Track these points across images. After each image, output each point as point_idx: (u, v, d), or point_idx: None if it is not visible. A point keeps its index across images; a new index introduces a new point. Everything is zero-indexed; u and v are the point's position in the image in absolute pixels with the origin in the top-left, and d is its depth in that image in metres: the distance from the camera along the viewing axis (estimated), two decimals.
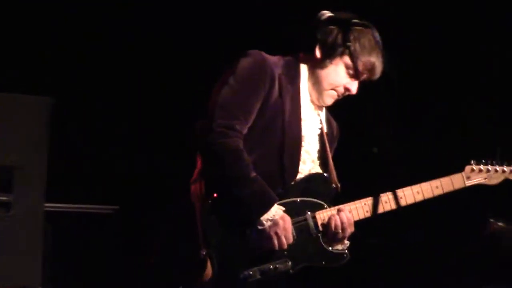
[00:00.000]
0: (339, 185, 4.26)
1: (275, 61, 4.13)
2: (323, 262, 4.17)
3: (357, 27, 4.14)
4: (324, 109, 4.33)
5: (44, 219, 4.43)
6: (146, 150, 6.08)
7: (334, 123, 4.40)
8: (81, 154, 5.92)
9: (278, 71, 4.10)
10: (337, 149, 4.39)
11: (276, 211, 3.99)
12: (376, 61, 4.15)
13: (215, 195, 3.96)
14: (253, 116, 4.03)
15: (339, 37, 4.10)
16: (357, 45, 4.12)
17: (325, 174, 4.22)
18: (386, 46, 4.16)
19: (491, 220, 4.90)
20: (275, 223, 3.97)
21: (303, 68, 4.21)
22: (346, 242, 4.18)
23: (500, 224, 4.91)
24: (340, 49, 4.12)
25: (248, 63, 4.06)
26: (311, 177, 4.18)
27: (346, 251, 4.17)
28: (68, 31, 6.04)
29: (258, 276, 4.01)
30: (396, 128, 5.47)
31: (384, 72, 4.14)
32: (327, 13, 4.18)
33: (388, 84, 4.16)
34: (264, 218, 3.97)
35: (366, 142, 4.02)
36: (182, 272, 3.97)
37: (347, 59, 4.14)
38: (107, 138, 5.98)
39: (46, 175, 4.38)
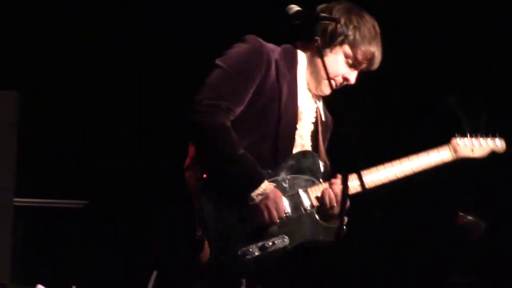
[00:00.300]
0: (328, 162, 4.27)
1: (272, 47, 4.15)
2: (320, 237, 4.14)
3: (357, 16, 4.16)
4: (321, 99, 4.33)
5: (14, 214, 4.48)
6: (120, 143, 6.12)
7: (329, 115, 4.40)
8: (51, 149, 5.98)
9: (275, 56, 4.12)
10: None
11: (267, 186, 4.00)
12: (376, 51, 4.17)
13: (204, 175, 3.98)
14: (244, 99, 4.04)
15: (339, 26, 4.11)
16: (357, 34, 4.14)
17: (313, 152, 4.23)
18: None
19: (461, 213, 4.89)
20: (265, 196, 3.97)
21: (301, 56, 4.23)
22: (345, 218, 4.07)
23: (469, 217, 4.90)
24: (340, 38, 4.13)
25: (244, 47, 4.09)
26: (299, 155, 4.18)
27: (343, 225, 4.10)
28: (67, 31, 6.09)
29: (257, 253, 4.01)
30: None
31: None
32: (325, 4, 4.22)
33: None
34: (254, 193, 3.97)
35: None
36: (180, 255, 4.00)
37: (346, 48, 4.16)
38: (80, 132, 6.05)
39: (16, 169, 4.43)
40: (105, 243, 5.74)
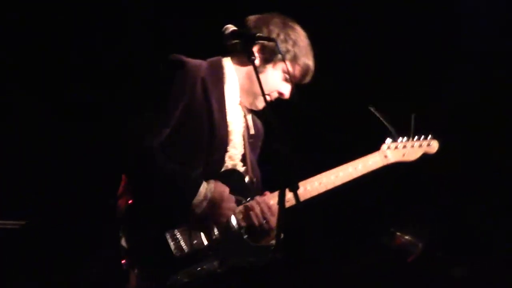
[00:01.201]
0: (254, 179, 4.19)
1: (197, 64, 4.04)
2: (251, 258, 4.02)
3: (293, 30, 4.10)
4: (251, 112, 4.26)
5: None
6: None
7: (259, 123, 4.33)
8: None
9: (201, 73, 4.01)
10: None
11: (206, 189, 3.89)
12: (311, 63, 4.14)
13: (130, 201, 3.86)
14: (169, 121, 3.93)
15: (279, 42, 4.02)
16: (296, 49, 4.09)
17: (239, 170, 4.14)
18: None
19: (398, 233, 4.85)
20: (210, 201, 3.88)
21: (229, 69, 4.14)
22: (277, 236, 3.90)
23: (406, 237, 4.86)
24: (280, 55, 4.05)
25: (165, 72, 3.99)
26: (226, 174, 4.07)
27: (271, 243, 4.03)
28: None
29: (186, 279, 3.87)
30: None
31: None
32: (257, 17, 4.13)
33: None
34: (196, 200, 3.86)
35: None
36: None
37: (285, 63, 4.07)
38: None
39: None
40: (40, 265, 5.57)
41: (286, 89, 4.14)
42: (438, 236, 5.01)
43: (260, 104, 4.16)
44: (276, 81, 4.12)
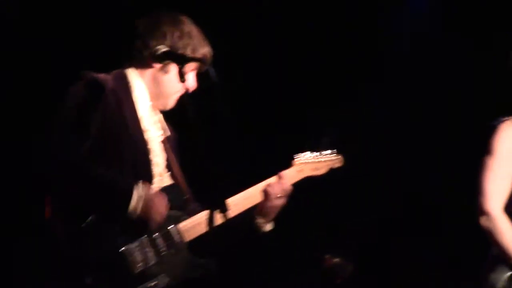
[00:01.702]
0: (188, 196, 4.23)
1: (105, 78, 4.10)
2: (197, 273, 4.08)
3: (185, 25, 4.18)
4: (159, 113, 4.31)
5: None
6: None
7: (169, 128, 4.36)
8: None
9: (109, 86, 4.06)
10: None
11: (139, 190, 3.90)
12: (209, 50, 4.20)
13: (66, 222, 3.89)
14: (88, 138, 3.96)
15: (174, 41, 4.11)
16: (193, 41, 4.16)
17: (176, 184, 4.20)
18: None
19: (327, 255, 4.76)
20: (145, 202, 3.89)
21: (135, 78, 4.20)
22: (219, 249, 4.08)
23: (335, 259, 4.79)
24: (180, 53, 4.10)
25: (74, 89, 4.04)
26: (164, 190, 4.10)
27: (213, 258, 4.09)
28: None
29: None
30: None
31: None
32: (146, 20, 4.21)
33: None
34: (131, 206, 3.88)
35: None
36: None
37: (187, 59, 4.10)
38: None
39: None
40: None
41: (192, 82, 4.21)
42: None
43: (170, 104, 4.22)
44: (180, 78, 4.08)
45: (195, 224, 4.10)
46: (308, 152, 4.40)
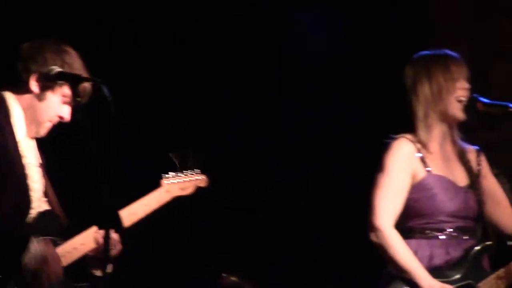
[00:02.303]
0: (63, 221, 4.20)
1: None
2: None
3: (67, 54, 4.14)
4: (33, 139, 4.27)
5: None
6: None
7: (40, 153, 4.30)
8: None
9: None
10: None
11: (35, 246, 3.89)
12: (88, 83, 4.13)
13: None
14: None
15: (53, 67, 4.06)
16: (74, 70, 4.12)
17: (52, 210, 4.17)
18: None
19: (224, 274, 4.78)
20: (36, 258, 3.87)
21: (13, 102, 4.13)
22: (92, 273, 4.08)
23: (232, 278, 4.81)
24: (58, 81, 4.08)
25: None
26: (40, 216, 4.08)
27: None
28: None
29: None
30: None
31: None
32: (31, 45, 4.16)
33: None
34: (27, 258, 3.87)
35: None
36: None
37: (65, 88, 4.11)
38: None
39: None
40: None
41: (66, 112, 4.16)
42: None
43: (43, 131, 4.16)
44: (56, 106, 4.13)
45: (71, 249, 4.07)
46: (173, 173, 4.45)
